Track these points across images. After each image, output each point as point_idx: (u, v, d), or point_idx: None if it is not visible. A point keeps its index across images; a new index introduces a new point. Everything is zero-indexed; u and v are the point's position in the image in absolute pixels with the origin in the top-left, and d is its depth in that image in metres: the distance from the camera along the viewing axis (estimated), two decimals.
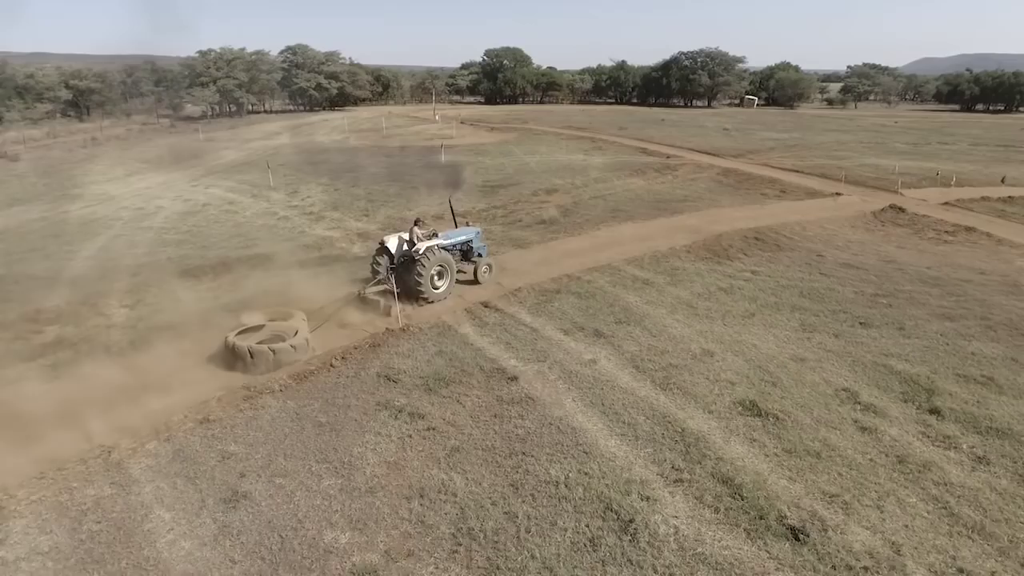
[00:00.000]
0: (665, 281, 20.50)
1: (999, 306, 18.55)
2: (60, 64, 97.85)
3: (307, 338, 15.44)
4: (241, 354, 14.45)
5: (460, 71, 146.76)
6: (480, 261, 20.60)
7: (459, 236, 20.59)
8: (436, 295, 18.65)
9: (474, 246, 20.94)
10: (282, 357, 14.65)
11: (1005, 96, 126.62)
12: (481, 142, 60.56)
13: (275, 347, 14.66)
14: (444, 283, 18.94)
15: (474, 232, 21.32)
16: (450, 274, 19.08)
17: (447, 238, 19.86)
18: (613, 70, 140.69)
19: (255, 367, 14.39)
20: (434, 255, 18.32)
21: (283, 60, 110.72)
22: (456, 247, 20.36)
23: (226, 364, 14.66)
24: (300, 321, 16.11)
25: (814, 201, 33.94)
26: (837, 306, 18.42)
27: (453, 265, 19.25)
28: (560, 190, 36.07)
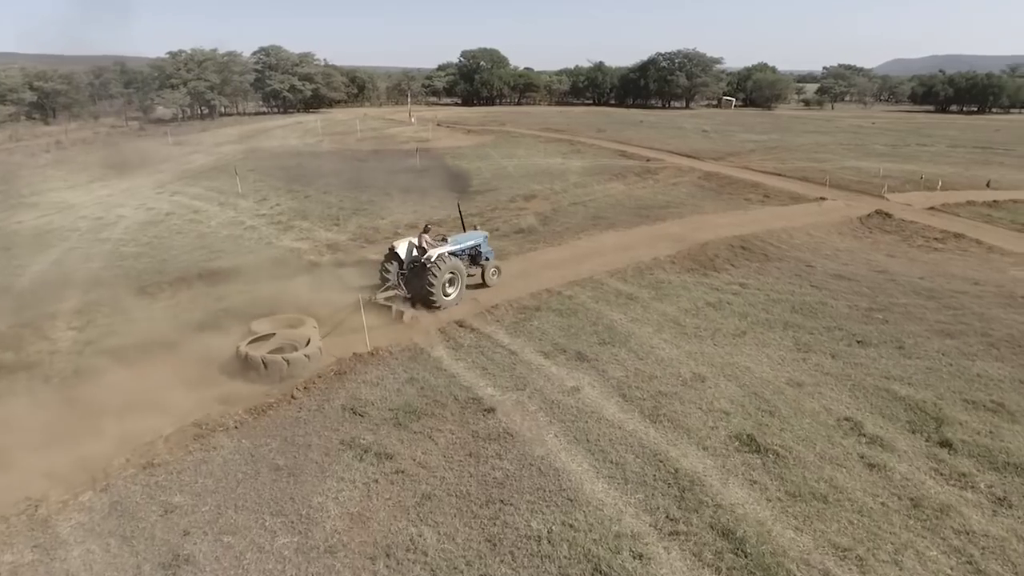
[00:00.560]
0: (650, 296, 19.48)
1: (998, 320, 17.73)
2: (26, 65, 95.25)
3: (319, 347, 15.09)
4: (254, 364, 14.15)
5: (437, 72, 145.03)
6: (488, 264, 20.67)
7: (468, 240, 20.65)
8: (447, 302, 18.62)
9: (482, 250, 20.93)
10: (296, 367, 14.37)
11: (978, 97, 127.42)
12: (457, 145, 59.37)
13: (289, 357, 14.37)
14: (455, 290, 18.98)
15: (482, 236, 21.29)
16: (461, 281, 19.09)
17: (456, 243, 19.98)
18: (590, 71, 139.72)
19: (269, 378, 14.10)
20: (446, 262, 18.32)
21: (256, 61, 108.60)
22: (465, 252, 20.40)
23: (187, 388, 13.48)
24: (311, 329, 15.79)
25: (799, 206, 33.15)
26: (831, 322, 17.50)
27: (464, 272, 19.28)
28: (539, 196, 35.00)
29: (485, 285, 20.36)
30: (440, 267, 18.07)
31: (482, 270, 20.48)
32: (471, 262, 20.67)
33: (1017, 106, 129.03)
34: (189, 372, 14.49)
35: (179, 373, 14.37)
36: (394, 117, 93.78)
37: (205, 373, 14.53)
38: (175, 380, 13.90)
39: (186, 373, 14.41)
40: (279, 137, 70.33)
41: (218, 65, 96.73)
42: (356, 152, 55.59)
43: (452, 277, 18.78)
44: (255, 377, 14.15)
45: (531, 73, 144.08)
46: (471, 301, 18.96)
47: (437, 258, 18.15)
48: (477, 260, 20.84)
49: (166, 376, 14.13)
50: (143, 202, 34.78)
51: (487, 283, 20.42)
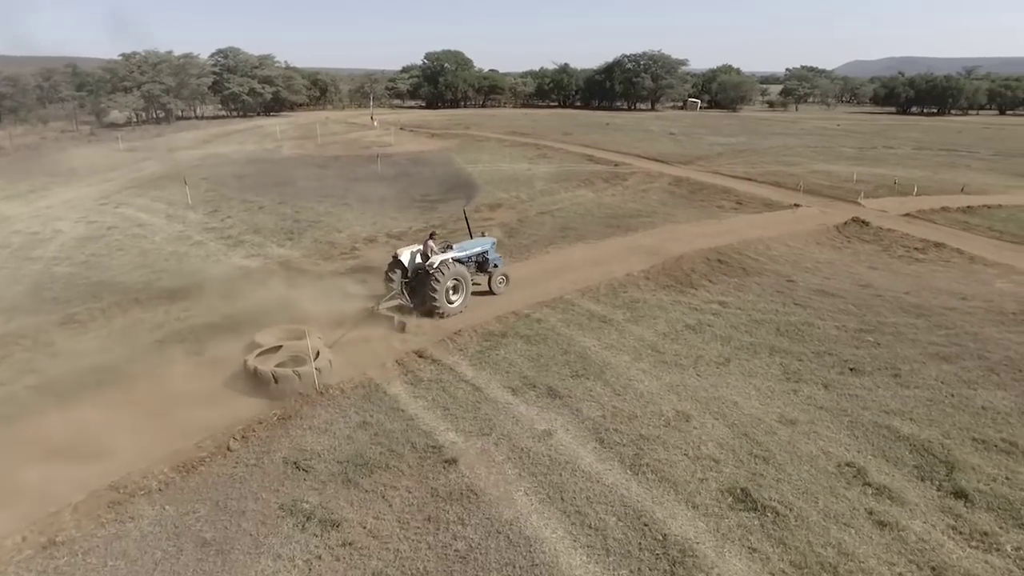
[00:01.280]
0: (625, 318, 18.13)
1: (993, 341, 16.70)
2: None
3: (330, 359, 14.62)
4: (265, 379, 13.71)
5: (400, 74, 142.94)
6: (495, 272, 20.29)
7: (474, 247, 20.22)
8: (451, 309, 18.33)
9: (489, 257, 20.55)
10: (307, 381, 13.90)
11: (938, 99, 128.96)
12: (420, 150, 57.69)
13: (300, 371, 13.89)
14: (459, 297, 18.62)
15: (489, 243, 20.86)
16: (465, 288, 18.72)
17: (462, 250, 19.59)
18: (556, 73, 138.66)
19: (280, 393, 13.67)
20: (449, 269, 17.98)
21: (214, 64, 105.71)
22: (471, 259, 20.00)
23: (123, 433, 11.86)
24: (317, 340, 15.30)
25: (773, 214, 32.15)
26: (820, 346, 16.30)
27: (468, 279, 18.88)
28: (504, 205, 33.58)
29: (492, 293, 19.98)
30: (443, 274, 17.75)
31: (489, 278, 20.11)
32: (478, 269, 20.29)
33: (975, 107, 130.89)
34: (125, 414, 12.86)
35: (114, 415, 12.74)
36: (356, 120, 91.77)
37: (144, 414, 12.91)
38: (107, 424, 12.26)
39: (122, 415, 12.77)
40: (237, 142, 67.96)
41: (174, 68, 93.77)
42: (316, 158, 53.63)
43: (456, 284, 18.41)
44: (266, 392, 13.69)
45: (496, 75, 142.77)
46: (434, 328, 17.47)
47: (440, 264, 17.82)
48: (484, 267, 20.43)
49: (97, 419, 12.49)
50: (84, 215, 32.63)
51: (493, 291, 20.02)
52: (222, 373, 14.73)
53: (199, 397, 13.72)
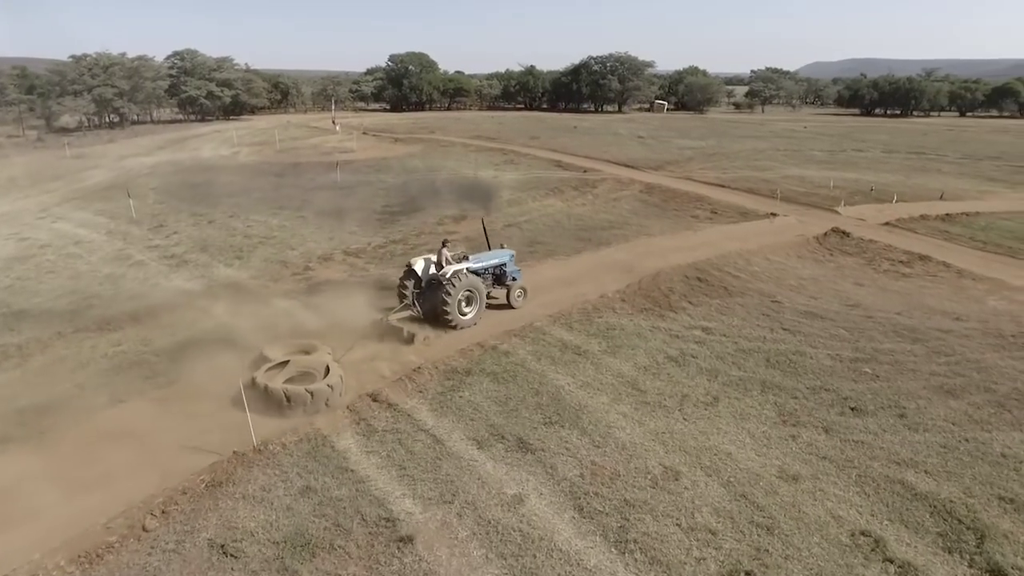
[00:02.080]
0: (601, 348, 16.58)
1: (997, 370, 15.46)
2: None
3: (341, 375, 14.14)
4: (276, 397, 13.29)
5: (364, 77, 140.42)
6: (513, 285, 19.67)
7: (491, 259, 19.70)
8: (463, 321, 17.80)
9: (507, 269, 19.98)
10: (319, 398, 13.43)
11: (901, 101, 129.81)
12: (383, 156, 55.76)
13: (313, 388, 13.44)
14: (472, 309, 18.09)
15: (508, 255, 20.26)
16: (479, 300, 18.21)
17: (478, 261, 19.18)
18: (522, 75, 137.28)
19: (291, 412, 13.25)
20: (462, 279, 17.52)
21: (170, 66, 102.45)
22: (488, 271, 19.47)
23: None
24: (326, 355, 15.05)
25: (749, 224, 30.91)
26: (815, 380, 14.90)
27: (482, 290, 18.38)
28: (470, 216, 31.88)
29: (510, 307, 19.32)
30: (456, 284, 17.30)
31: (507, 291, 19.47)
32: (495, 282, 19.73)
33: (936, 109, 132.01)
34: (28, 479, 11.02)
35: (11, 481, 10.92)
36: (319, 124, 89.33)
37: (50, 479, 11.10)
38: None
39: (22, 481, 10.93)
40: (192, 148, 65.43)
41: (127, 70, 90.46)
42: (273, 165, 51.44)
43: (469, 295, 17.93)
44: (277, 411, 13.24)
45: (462, 77, 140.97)
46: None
47: (453, 275, 17.42)
48: (502, 280, 19.85)
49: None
50: (17, 231, 30.31)
51: (512, 305, 19.37)
52: (150, 423, 12.91)
53: (119, 456, 11.90)
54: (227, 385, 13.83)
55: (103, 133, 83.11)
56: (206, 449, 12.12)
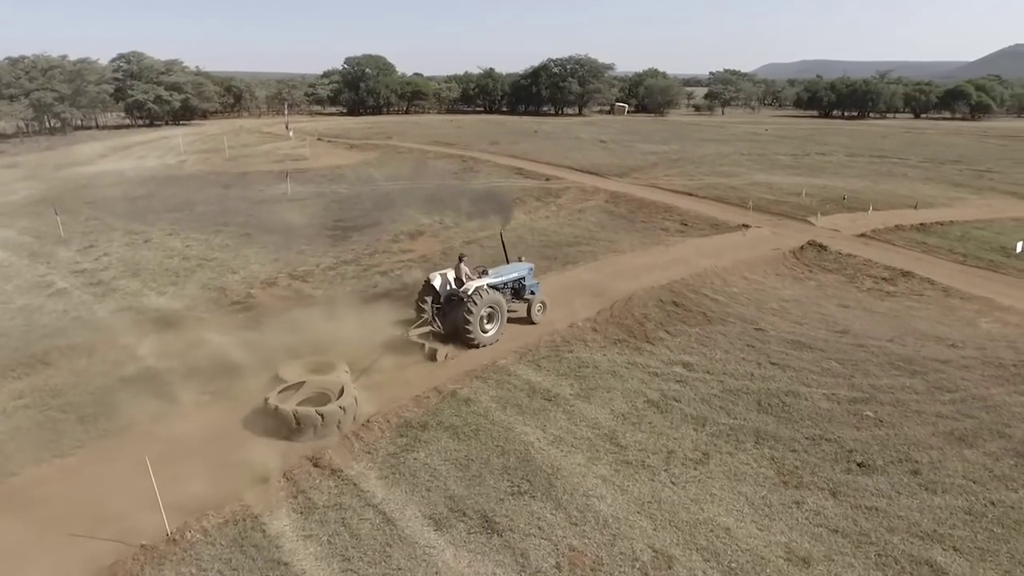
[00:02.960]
0: (573, 391, 14.82)
1: (1007, 409, 14.09)
2: None
3: (355, 396, 13.70)
4: (286, 420, 12.87)
5: (321, 80, 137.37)
6: (533, 299, 19.06)
7: (510, 273, 19.13)
8: (485, 339, 17.22)
9: (526, 283, 19.44)
10: (330, 420, 12.98)
11: (858, 103, 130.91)
12: (337, 164, 53.46)
13: (324, 410, 12.97)
14: (494, 326, 17.54)
15: (526, 268, 19.77)
16: (501, 316, 17.59)
17: (498, 275, 18.54)
18: (481, 78, 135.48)
19: (301, 434, 12.85)
20: (484, 296, 16.91)
21: (115, 69, 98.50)
22: (507, 285, 18.85)
23: None
24: (344, 374, 14.63)
25: (722, 237, 29.47)
26: (813, 427, 13.31)
27: (504, 306, 17.73)
28: (427, 232, 30.00)
29: (531, 322, 18.72)
30: (478, 301, 16.70)
31: (527, 306, 18.89)
32: (514, 296, 19.15)
33: (892, 111, 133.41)
34: None
35: None
36: (272, 130, 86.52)
37: None
38: None
39: None
40: (137, 156, 62.43)
41: (68, 74, 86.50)
42: (221, 175, 48.90)
43: (491, 312, 17.34)
44: (287, 433, 12.83)
45: (420, 80, 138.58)
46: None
47: (475, 291, 16.82)
48: (521, 294, 19.31)
49: None
50: None
51: (532, 319, 18.78)
52: (40, 506, 10.81)
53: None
54: (147, 447, 11.78)
55: (42, 140, 79.29)
56: (109, 538, 10.08)
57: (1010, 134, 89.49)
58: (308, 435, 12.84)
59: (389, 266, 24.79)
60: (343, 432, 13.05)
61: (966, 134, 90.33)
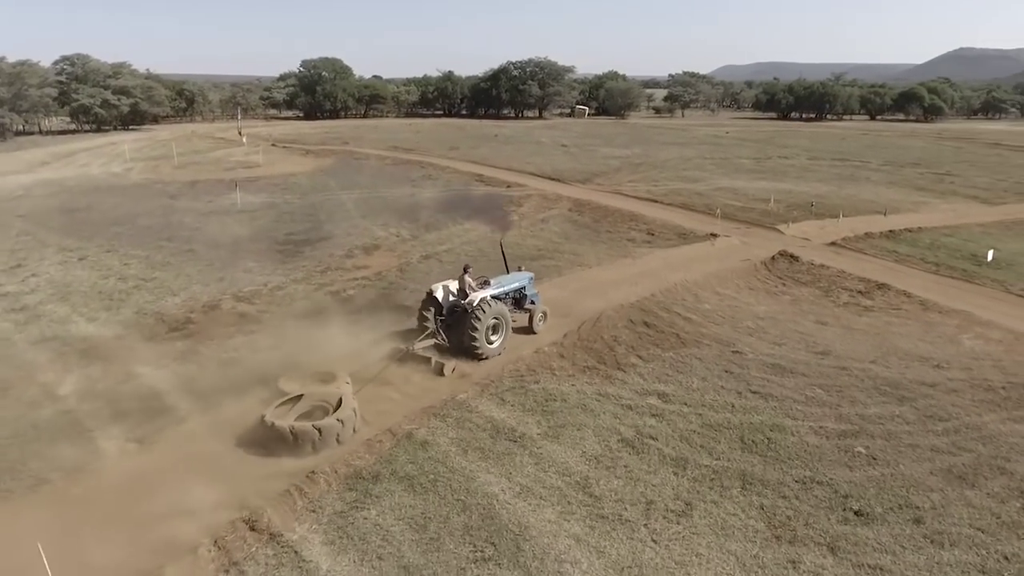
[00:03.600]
0: (540, 430, 13.52)
1: (1003, 440, 13.20)
2: None
3: (354, 408, 13.35)
4: (282, 435, 12.46)
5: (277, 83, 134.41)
6: (535, 309, 18.82)
7: (512, 283, 18.82)
8: (491, 351, 16.91)
9: (527, 293, 19.17)
10: (328, 434, 12.65)
11: (816, 105, 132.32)
12: (291, 172, 51.54)
13: (320, 424, 12.64)
14: (499, 337, 17.21)
15: (527, 278, 19.52)
16: (505, 327, 17.34)
17: (499, 285, 18.23)
18: (440, 81, 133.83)
19: (299, 449, 12.46)
20: (489, 307, 16.66)
21: (58, 72, 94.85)
22: (508, 295, 18.50)
23: None
24: (344, 385, 14.20)
25: (690, 247, 28.48)
26: (803, 467, 12.20)
27: (509, 318, 17.51)
28: (383, 246, 28.48)
29: (532, 332, 18.47)
30: (483, 312, 16.41)
31: (529, 316, 18.64)
32: (515, 306, 18.71)
33: (848, 113, 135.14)
34: None
35: None
36: (225, 135, 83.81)
37: None
38: None
39: None
40: (80, 164, 59.63)
41: (7, 76, 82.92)
42: (169, 184, 46.71)
43: (496, 323, 17.03)
44: (286, 450, 12.41)
45: (378, 83, 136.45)
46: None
47: (480, 302, 16.56)
48: (521, 304, 18.99)
49: None
50: None
51: (534, 329, 18.56)
52: None
53: None
54: (54, 512, 10.25)
55: None
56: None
57: (963, 136, 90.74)
58: (306, 450, 12.48)
59: (342, 285, 23.26)
60: (342, 445, 12.68)
61: (921, 136, 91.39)
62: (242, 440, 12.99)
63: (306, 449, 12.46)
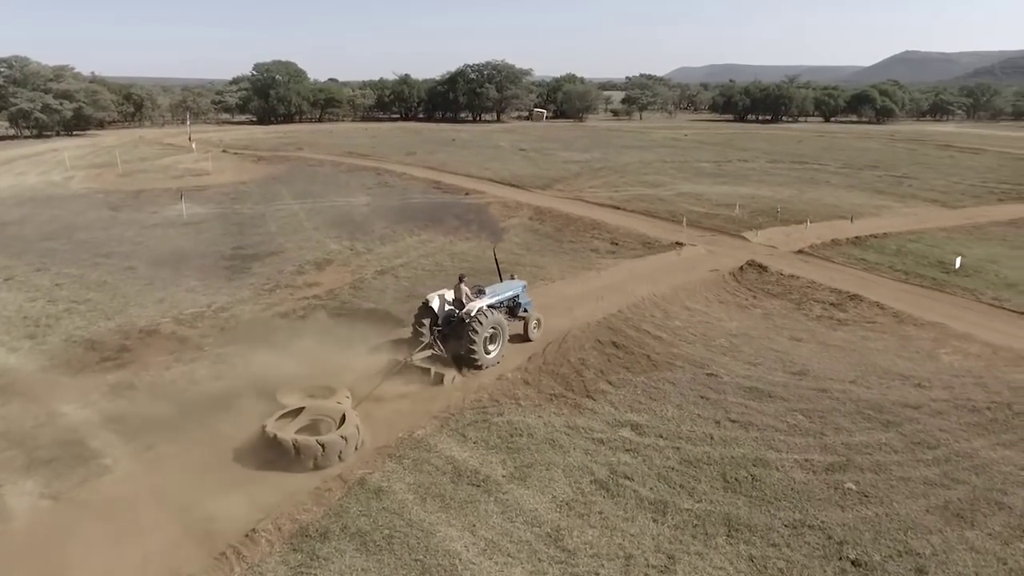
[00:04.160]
0: (505, 471, 12.37)
1: (996, 469, 12.47)
2: None
3: (357, 424, 13.02)
4: (285, 449, 12.06)
5: (229, 87, 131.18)
6: (530, 316, 18.79)
7: (506, 291, 18.67)
8: (488, 360, 16.73)
9: (521, 301, 19.04)
10: (331, 452, 12.24)
11: (771, 107, 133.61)
12: (242, 180, 49.65)
13: (324, 440, 12.24)
14: (496, 347, 17.04)
15: (520, 285, 19.39)
16: (503, 336, 17.15)
17: (494, 294, 18.00)
18: (396, 84, 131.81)
19: (301, 464, 12.07)
20: (487, 317, 16.46)
21: None
22: (503, 304, 18.32)
23: None
24: (344, 399, 13.98)
25: (655, 257, 27.64)
26: (792, 509, 11.24)
27: (506, 327, 17.31)
28: (336, 260, 27.07)
29: (527, 339, 18.39)
30: (481, 322, 16.23)
31: (524, 324, 18.60)
32: (509, 314, 18.45)
33: (803, 115, 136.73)
34: None
35: None
36: (174, 141, 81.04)
37: None
38: None
39: None
40: (17, 173, 56.76)
41: None
42: (112, 194, 44.51)
43: (494, 333, 16.85)
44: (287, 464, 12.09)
45: (333, 87, 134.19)
46: (213, 519, 11.01)
47: (477, 312, 16.34)
48: (515, 312, 18.85)
49: None
50: None
51: (529, 337, 18.47)
52: None
53: None
54: None
55: None
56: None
57: (915, 137, 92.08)
58: (308, 466, 12.18)
59: (292, 304, 21.85)
60: (345, 462, 12.37)
61: (875, 137, 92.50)
62: (174, 491, 11.63)
63: (308, 465, 12.17)
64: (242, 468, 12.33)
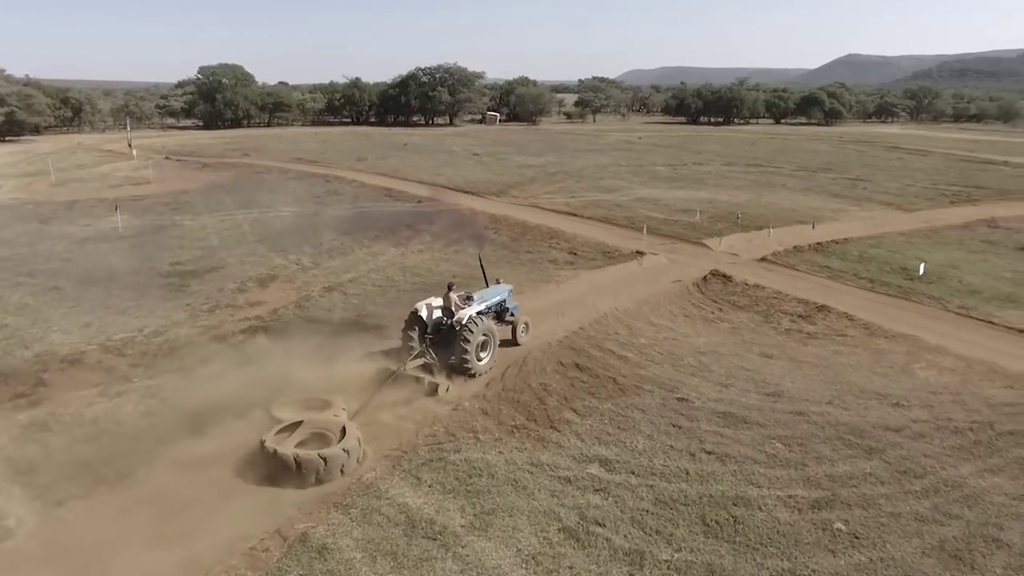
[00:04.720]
0: (464, 520, 11.14)
1: (987, 498, 11.71)
2: None
3: (359, 438, 12.67)
4: (286, 463, 11.75)
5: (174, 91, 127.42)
6: (517, 321, 18.78)
7: (493, 297, 18.48)
8: (480, 367, 16.59)
9: (508, 305, 18.92)
10: (333, 466, 11.95)
11: (723, 109, 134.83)
12: (184, 188, 47.48)
13: (326, 454, 11.93)
14: (488, 354, 16.92)
15: (506, 290, 19.21)
16: (493, 343, 17.06)
17: (482, 300, 17.82)
18: (347, 88, 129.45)
19: (302, 479, 11.77)
20: (479, 324, 16.33)
21: None
22: (491, 309, 18.16)
23: None
24: (341, 410, 13.56)
25: (616, 268, 26.69)
26: (779, 556, 10.25)
27: (497, 333, 17.28)
28: (280, 276, 25.52)
29: (515, 344, 18.38)
30: (473, 330, 16.10)
31: (512, 328, 18.59)
32: (497, 319, 18.27)
33: (754, 117, 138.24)
34: None
35: None
36: (114, 147, 77.82)
37: None
38: None
39: None
40: None
41: None
42: (42, 206, 42.16)
43: (485, 340, 16.71)
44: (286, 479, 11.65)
45: (282, 91, 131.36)
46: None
47: (468, 320, 16.27)
48: (503, 317, 18.72)
49: None
50: None
51: (517, 341, 18.51)
52: None
53: None
54: None
55: None
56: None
57: (863, 139, 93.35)
58: (310, 480, 11.91)
59: (232, 327, 20.31)
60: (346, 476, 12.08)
61: (825, 139, 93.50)
62: (82, 558, 10.16)
63: (309, 479, 11.90)
64: (168, 523, 10.88)
